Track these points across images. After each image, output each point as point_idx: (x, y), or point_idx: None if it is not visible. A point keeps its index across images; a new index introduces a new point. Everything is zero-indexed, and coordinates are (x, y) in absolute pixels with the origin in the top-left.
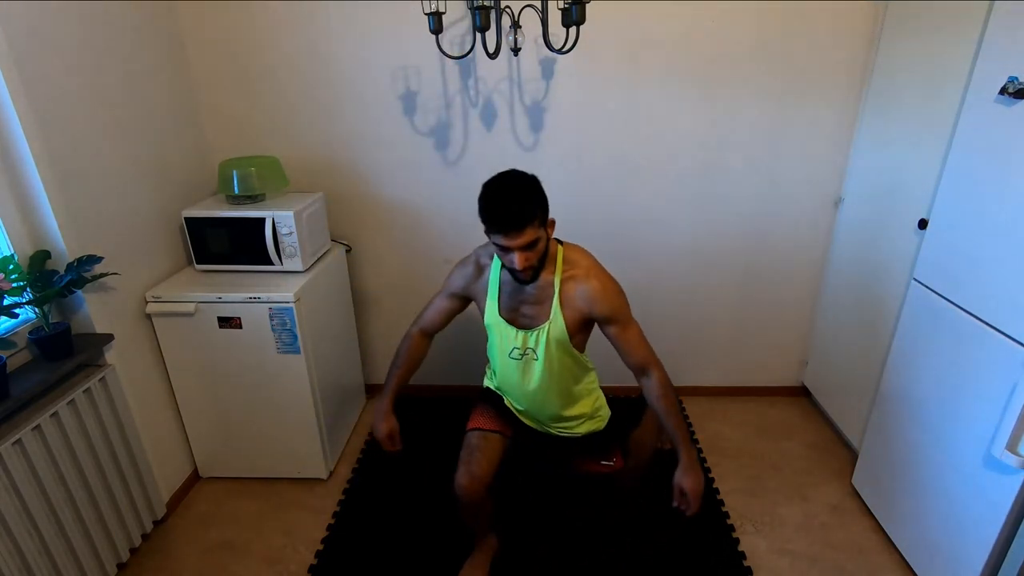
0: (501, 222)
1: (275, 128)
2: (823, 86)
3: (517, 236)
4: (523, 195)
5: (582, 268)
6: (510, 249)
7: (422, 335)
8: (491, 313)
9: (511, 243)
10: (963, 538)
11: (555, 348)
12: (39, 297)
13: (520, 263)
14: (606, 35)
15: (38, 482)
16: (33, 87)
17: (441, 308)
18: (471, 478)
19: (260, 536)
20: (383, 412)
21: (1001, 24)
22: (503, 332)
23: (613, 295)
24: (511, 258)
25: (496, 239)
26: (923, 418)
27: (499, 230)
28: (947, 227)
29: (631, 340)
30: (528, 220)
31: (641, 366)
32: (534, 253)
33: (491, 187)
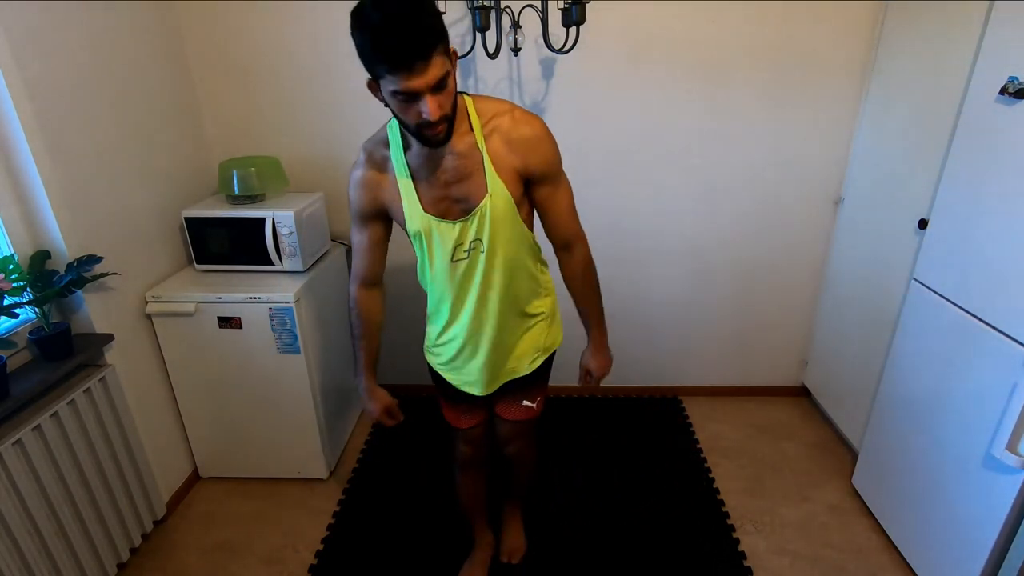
0: (400, 51)
1: (275, 128)
2: (823, 86)
3: (424, 69)
4: (419, 7)
5: (504, 115)
6: (416, 93)
7: (364, 288)
8: (414, 213)
9: (417, 82)
10: (963, 538)
11: (503, 226)
12: (39, 297)
13: (434, 110)
14: (606, 35)
15: (38, 482)
16: (34, 87)
17: (365, 246)
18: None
19: (260, 536)
20: (368, 391)
21: (1001, 24)
22: (439, 231)
23: (548, 143)
24: (420, 108)
25: (394, 83)
26: (923, 418)
27: (398, 64)
28: (947, 227)
29: (563, 205)
30: (433, 43)
31: (567, 239)
32: (446, 95)
33: (373, 5)
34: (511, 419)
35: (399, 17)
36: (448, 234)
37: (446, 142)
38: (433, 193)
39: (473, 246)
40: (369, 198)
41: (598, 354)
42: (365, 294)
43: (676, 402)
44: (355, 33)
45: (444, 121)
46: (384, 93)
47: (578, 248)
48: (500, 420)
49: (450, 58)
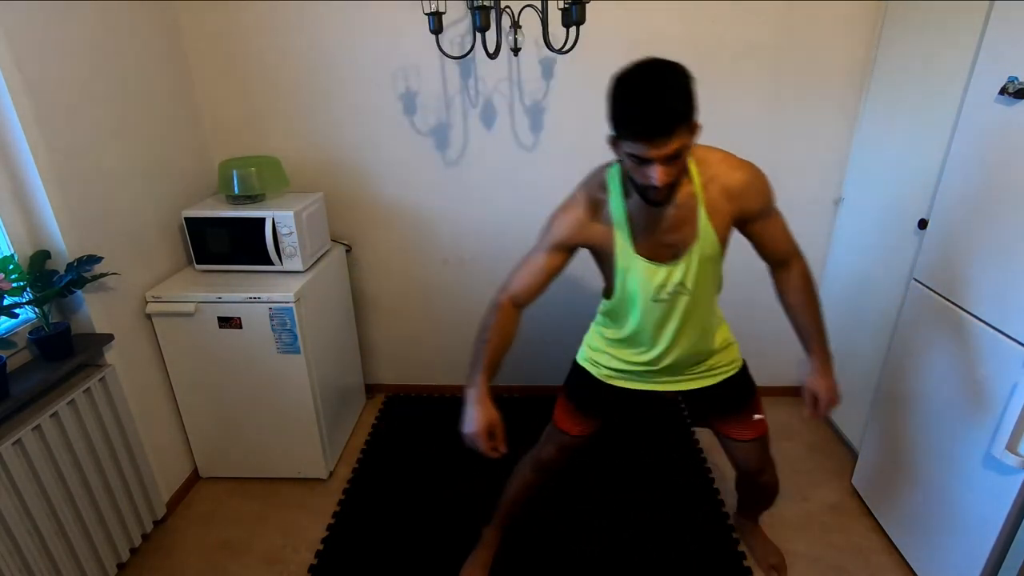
0: (645, 124)
1: (275, 128)
2: (823, 86)
3: (663, 144)
4: (676, 89)
5: (720, 163)
6: (649, 161)
7: (513, 305)
8: (625, 253)
9: (654, 153)
10: (963, 538)
11: (707, 270)
12: (39, 297)
13: (660, 178)
14: (606, 35)
15: (38, 482)
16: (33, 87)
17: (540, 267)
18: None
19: (260, 536)
20: (478, 399)
21: (1001, 24)
22: (645, 273)
23: (761, 185)
24: (648, 172)
25: (632, 148)
26: (923, 418)
27: (641, 135)
28: (947, 227)
29: (778, 231)
30: (680, 121)
31: (784, 257)
32: (676, 165)
33: (633, 78)
34: (748, 438)
35: (655, 96)
36: (654, 276)
37: (666, 204)
38: (647, 238)
39: (677, 289)
40: (575, 235)
41: (825, 376)
42: (511, 310)
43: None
44: (613, 97)
45: (669, 188)
46: (621, 150)
47: (796, 262)
48: (736, 444)
49: (691, 131)
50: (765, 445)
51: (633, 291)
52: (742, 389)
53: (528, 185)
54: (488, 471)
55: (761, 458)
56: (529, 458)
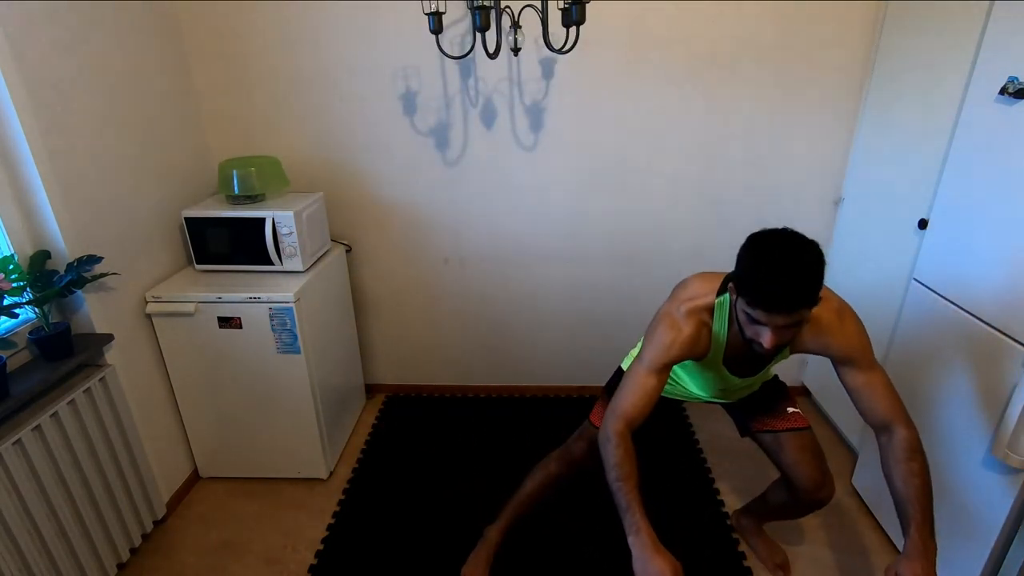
0: (778, 303)
1: (275, 128)
2: (823, 86)
3: (784, 319)
4: (813, 275)
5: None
6: (764, 325)
7: (629, 430)
8: (712, 361)
9: (773, 322)
10: (963, 538)
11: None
12: (39, 297)
13: (770, 343)
14: (606, 35)
15: (38, 482)
16: (33, 87)
17: (652, 388)
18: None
19: (260, 536)
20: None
21: (1001, 24)
22: (719, 374)
23: (852, 329)
24: (761, 333)
25: (754, 312)
26: (923, 418)
27: (770, 309)
28: (947, 227)
29: (876, 387)
30: (806, 307)
31: (884, 421)
32: (789, 334)
33: (774, 253)
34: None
35: (794, 279)
36: (727, 381)
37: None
38: (733, 355)
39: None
40: (685, 353)
41: (917, 560)
42: (628, 435)
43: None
44: (750, 263)
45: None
46: (739, 303)
47: (899, 431)
48: (777, 437)
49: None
50: (812, 443)
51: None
52: (773, 389)
53: (528, 185)
54: (488, 471)
55: (814, 463)
56: (557, 453)
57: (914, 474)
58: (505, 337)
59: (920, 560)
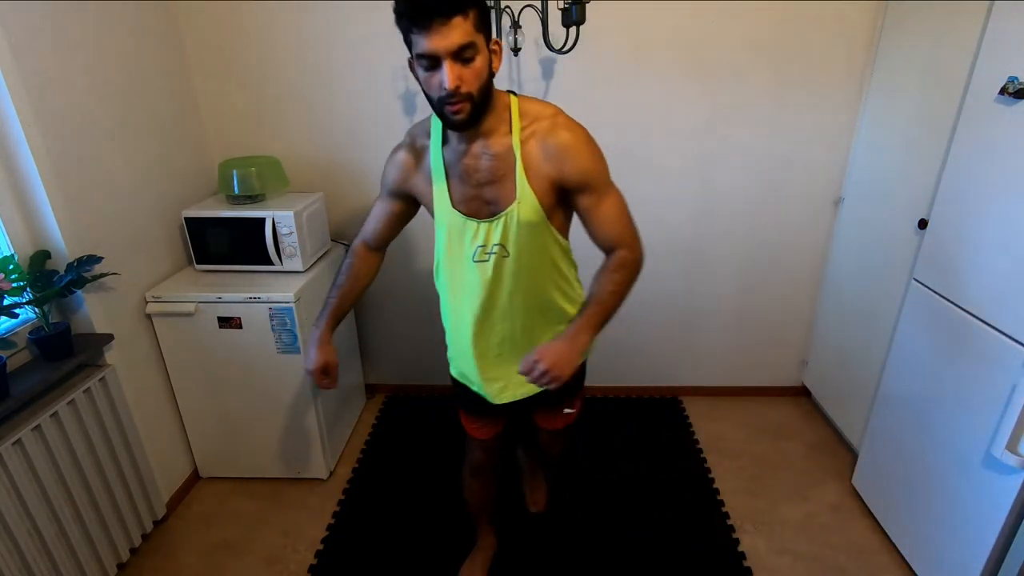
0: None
1: (275, 128)
2: (823, 86)
3: (443, 30)
4: None
5: (545, 120)
6: (435, 58)
7: (366, 247)
8: (442, 206)
9: (436, 44)
10: (963, 538)
11: (530, 234)
12: (39, 297)
13: (452, 78)
14: (606, 35)
15: (38, 482)
16: (33, 87)
17: (381, 214)
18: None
19: (260, 536)
20: (317, 339)
21: (1001, 24)
22: (461, 229)
23: (587, 150)
24: (439, 77)
25: (417, 45)
26: (923, 418)
27: (418, 16)
28: (947, 227)
29: (608, 213)
30: (458, 6)
31: (611, 244)
32: (471, 71)
33: None
34: (553, 428)
35: None
36: (472, 233)
37: (469, 126)
38: (465, 191)
39: (496, 251)
40: (400, 179)
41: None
42: (365, 252)
43: (676, 402)
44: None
45: (467, 100)
46: (414, 64)
47: (621, 251)
48: (541, 431)
49: (487, 39)
50: (569, 433)
51: (447, 250)
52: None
53: None
54: None
55: (559, 443)
56: (464, 465)
57: (611, 281)
58: None
59: (564, 342)
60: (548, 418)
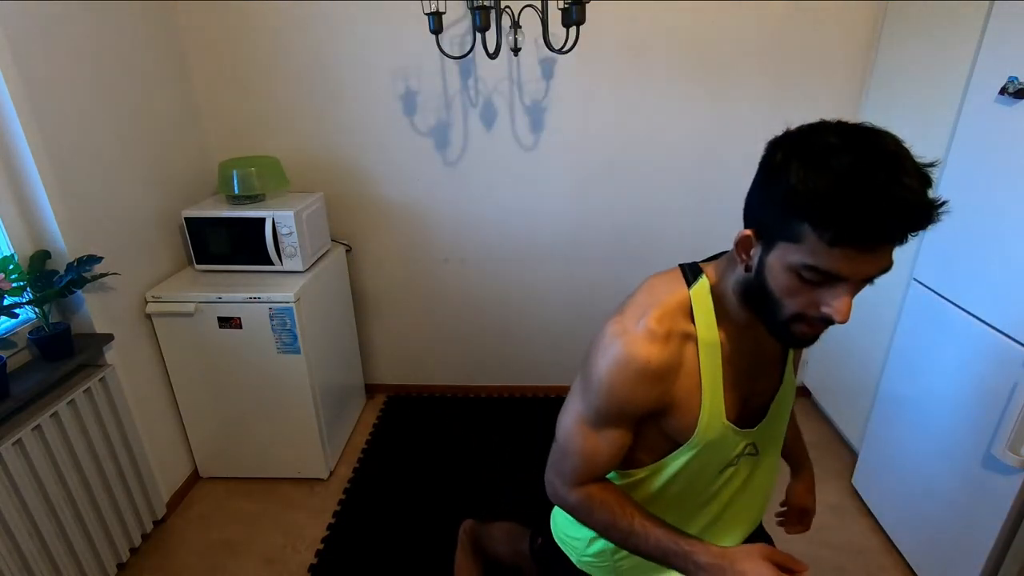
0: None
1: (275, 128)
2: (823, 86)
3: (884, 256)
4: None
5: None
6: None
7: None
8: (714, 425)
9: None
10: (963, 538)
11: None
12: (39, 297)
13: (847, 313)
14: (606, 35)
15: (38, 482)
16: (34, 87)
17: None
18: None
19: (260, 536)
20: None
21: (1001, 24)
22: (725, 446)
23: None
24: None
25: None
26: (923, 418)
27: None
28: (947, 227)
29: None
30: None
31: None
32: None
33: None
34: None
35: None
36: (735, 445)
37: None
38: (738, 390)
39: (747, 451)
40: (655, 398)
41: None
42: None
43: None
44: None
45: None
46: (776, 256)
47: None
48: None
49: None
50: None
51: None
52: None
53: (528, 185)
54: (488, 471)
55: None
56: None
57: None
58: (505, 337)
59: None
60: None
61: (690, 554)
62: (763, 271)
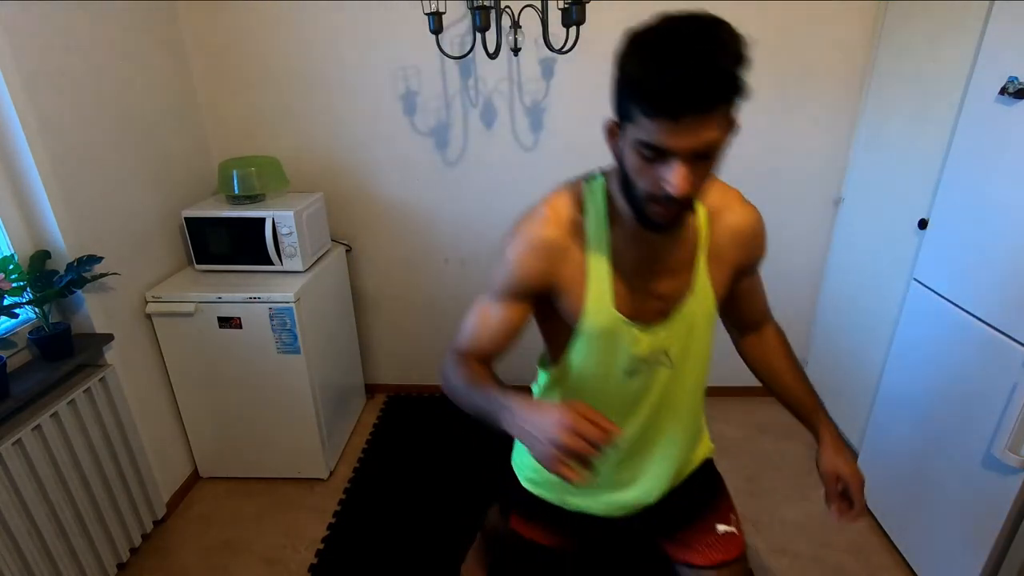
0: (677, 93)
1: (275, 128)
2: (823, 86)
3: (698, 127)
4: (730, 49)
5: (733, 200)
6: (667, 156)
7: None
8: (601, 311)
9: (682, 141)
10: (963, 538)
11: (696, 337)
12: (39, 297)
13: (681, 184)
14: (606, 35)
15: (38, 482)
16: (34, 87)
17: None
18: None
19: (260, 536)
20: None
21: (1001, 24)
22: (618, 340)
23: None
24: (664, 174)
25: (650, 132)
26: (923, 418)
27: (665, 110)
28: (947, 227)
29: (760, 286)
30: (726, 97)
31: (761, 319)
32: (703, 170)
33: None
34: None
35: (701, 51)
36: (633, 341)
37: (670, 229)
38: (633, 284)
39: (656, 358)
40: (542, 271)
41: (842, 453)
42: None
43: None
44: (626, 57)
45: (684, 205)
46: (625, 139)
47: (770, 324)
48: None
49: (731, 125)
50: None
51: (592, 360)
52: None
53: (528, 185)
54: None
55: None
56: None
57: (796, 361)
58: None
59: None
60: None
61: (504, 398)
62: (622, 156)
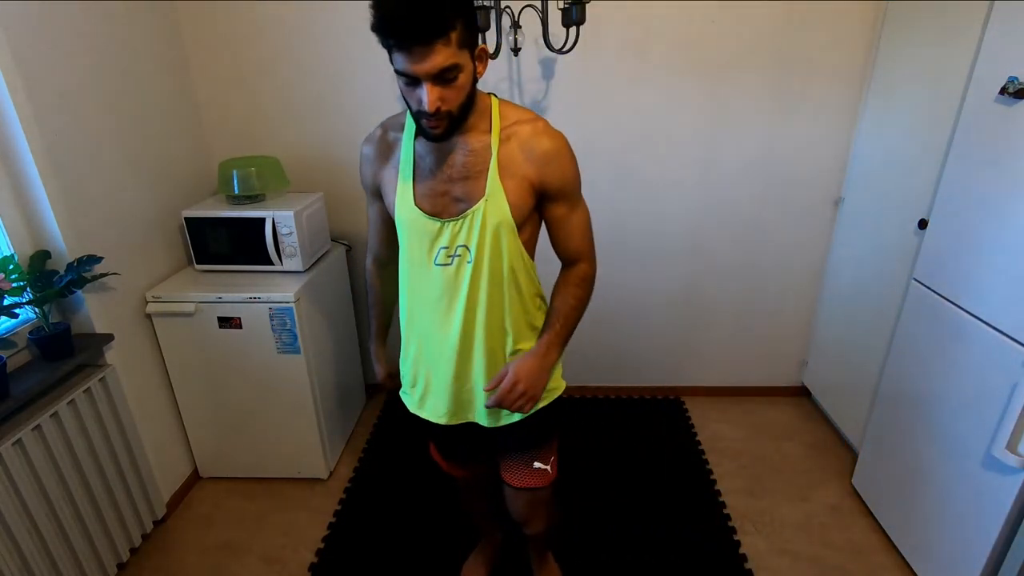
0: (400, 29)
1: (275, 128)
2: (823, 86)
3: (424, 55)
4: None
5: (526, 123)
6: (416, 79)
7: (377, 264)
8: (404, 203)
9: (417, 67)
10: (963, 538)
11: (495, 236)
12: (39, 297)
13: (431, 101)
14: (606, 35)
15: (38, 482)
16: (33, 87)
17: (375, 219)
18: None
19: (260, 536)
20: (376, 355)
21: (1001, 24)
22: (422, 229)
23: (569, 158)
24: (419, 95)
25: (397, 63)
26: (923, 418)
27: (399, 39)
28: (947, 227)
29: (578, 224)
30: (440, 30)
31: (575, 256)
32: (452, 90)
33: None
34: (523, 486)
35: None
36: (433, 233)
37: (444, 139)
38: (432, 186)
39: (459, 252)
40: (370, 174)
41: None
42: (376, 270)
43: (678, 403)
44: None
45: (445, 118)
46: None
47: (582, 265)
48: (510, 489)
49: (472, 55)
50: (540, 500)
51: (408, 253)
52: (539, 426)
53: None
54: None
55: (530, 512)
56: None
57: (574, 296)
58: None
59: (534, 359)
60: (516, 471)
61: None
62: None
